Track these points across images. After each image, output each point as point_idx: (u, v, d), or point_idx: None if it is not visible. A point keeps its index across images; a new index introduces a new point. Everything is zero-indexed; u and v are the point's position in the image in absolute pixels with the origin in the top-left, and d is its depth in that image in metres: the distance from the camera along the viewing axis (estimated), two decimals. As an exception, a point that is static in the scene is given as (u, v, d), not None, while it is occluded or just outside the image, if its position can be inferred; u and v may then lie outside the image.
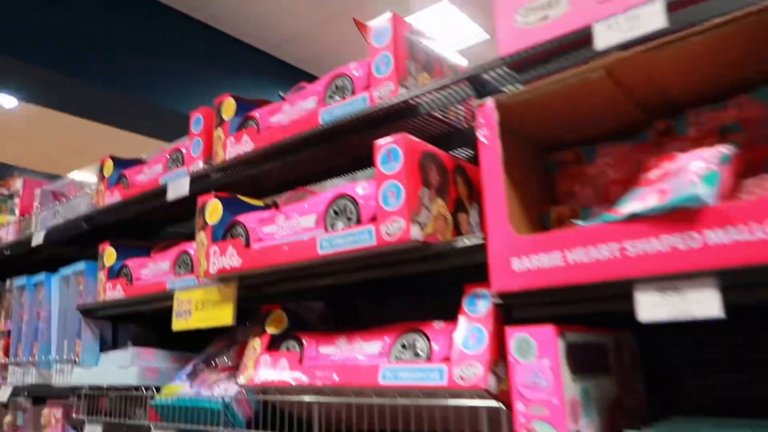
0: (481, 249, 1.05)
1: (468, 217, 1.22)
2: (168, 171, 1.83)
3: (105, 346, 2.16)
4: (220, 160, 1.59)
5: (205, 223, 1.48)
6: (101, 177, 2.15)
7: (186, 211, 2.09)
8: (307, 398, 1.27)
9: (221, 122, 1.62)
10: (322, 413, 1.27)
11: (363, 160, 1.53)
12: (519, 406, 0.95)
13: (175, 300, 1.63)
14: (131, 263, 1.99)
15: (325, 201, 1.24)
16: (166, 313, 2.06)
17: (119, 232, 2.28)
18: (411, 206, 1.06)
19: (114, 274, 2.03)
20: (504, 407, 0.99)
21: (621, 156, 1.10)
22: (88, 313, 2.10)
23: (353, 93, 1.30)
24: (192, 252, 1.76)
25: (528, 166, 1.14)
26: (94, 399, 1.97)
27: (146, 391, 1.75)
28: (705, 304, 0.78)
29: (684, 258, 0.79)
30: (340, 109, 1.30)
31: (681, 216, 0.79)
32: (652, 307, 0.82)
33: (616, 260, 0.84)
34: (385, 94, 1.21)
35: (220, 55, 5.16)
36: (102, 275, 2.05)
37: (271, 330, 1.45)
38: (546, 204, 1.18)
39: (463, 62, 1.43)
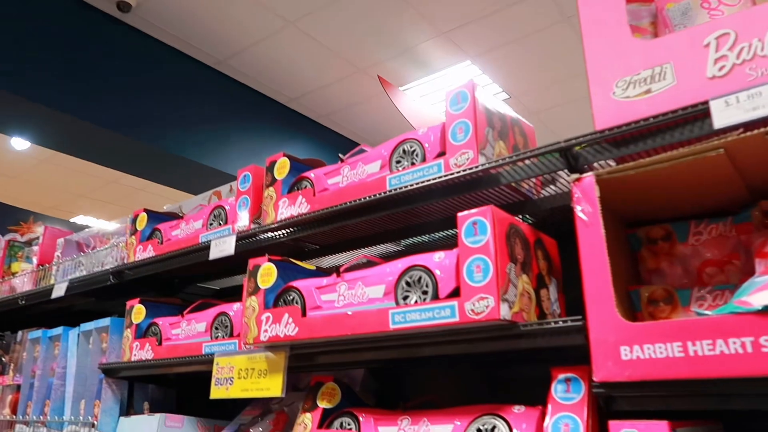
0: (573, 331, 0.99)
1: (548, 293, 1.16)
2: (210, 228, 1.78)
3: (120, 406, 2.04)
4: (270, 220, 1.54)
5: (257, 287, 1.41)
6: (133, 230, 2.09)
7: (216, 268, 2.03)
8: (367, 484, 1.17)
9: (273, 181, 1.57)
10: (384, 502, 1.17)
11: (420, 226, 1.48)
12: None
13: (215, 366, 1.54)
14: (161, 322, 1.90)
15: (396, 271, 1.17)
16: (191, 376, 1.96)
17: (142, 284, 2.21)
18: (500, 283, 1.00)
19: (142, 333, 1.94)
20: None
21: (718, 235, 1.05)
22: (110, 372, 1.99)
23: (424, 159, 1.26)
24: (231, 314, 1.68)
25: (615, 242, 1.08)
26: (111, 466, 1.85)
27: (175, 462, 1.64)
28: None
29: (832, 357, 0.72)
30: (411, 175, 1.25)
31: (825, 311, 0.73)
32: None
33: (748, 355, 0.77)
34: (463, 162, 1.16)
35: (233, 105, 5.19)
36: (129, 333, 1.96)
37: (323, 404, 1.36)
38: (631, 283, 1.12)
39: (530, 126, 1.40)
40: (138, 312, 1.97)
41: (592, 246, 0.94)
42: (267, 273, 1.40)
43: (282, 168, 1.56)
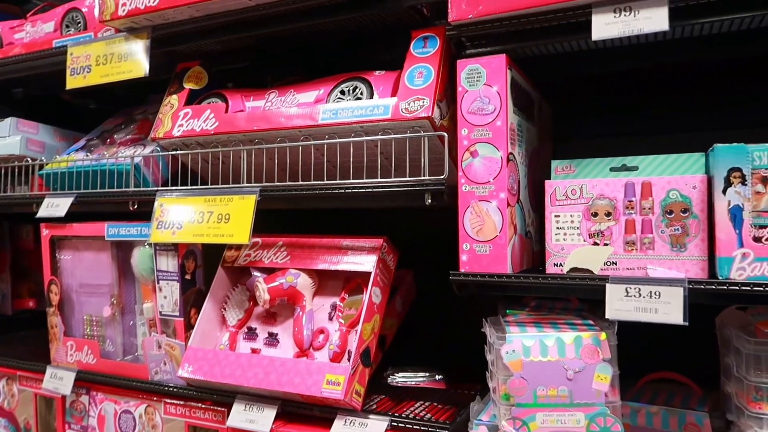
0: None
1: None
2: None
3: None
4: None
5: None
6: None
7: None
8: (242, 147, 1.25)
9: None
10: (251, 162, 1.26)
11: None
12: (463, 132, 1.01)
13: (68, 56, 1.46)
14: (0, 26, 1.73)
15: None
16: (43, 88, 1.85)
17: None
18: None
19: (-23, 39, 1.76)
20: (446, 135, 1.05)
21: None
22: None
23: None
24: (84, 10, 1.57)
25: None
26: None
27: (32, 161, 1.60)
28: (654, 20, 0.86)
29: (642, -24, 0.85)
30: None
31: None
32: (605, 26, 0.89)
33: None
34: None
35: None
36: (-39, 39, 1.77)
37: (190, 85, 1.37)
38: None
39: None
40: (-30, 15, 1.76)
41: None
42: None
43: None
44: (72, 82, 1.46)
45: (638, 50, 1.06)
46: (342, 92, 1.19)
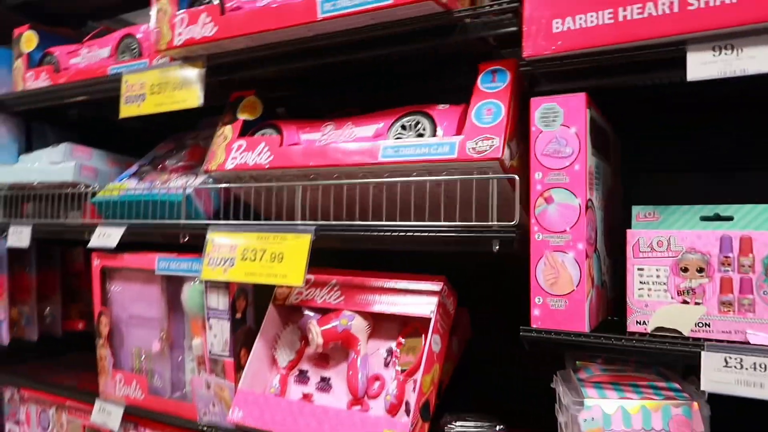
0: (507, 20, 0.99)
1: (481, -5, 1.13)
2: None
3: (18, 147, 1.91)
4: None
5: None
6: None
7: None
8: (297, 182, 1.20)
9: None
10: (307, 198, 1.21)
11: None
12: (537, 176, 0.94)
13: (123, 84, 1.45)
14: (58, 51, 1.74)
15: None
16: (93, 114, 1.85)
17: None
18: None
19: (35, 62, 1.77)
20: (517, 178, 0.98)
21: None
22: (2, 106, 1.83)
23: None
24: (139, 36, 1.55)
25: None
26: (14, 202, 1.78)
27: (86, 188, 1.60)
28: (760, 59, 0.77)
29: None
30: None
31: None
32: (702, 66, 0.81)
33: (674, 15, 0.81)
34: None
35: None
36: (20, 63, 1.78)
37: (244, 116, 1.33)
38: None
39: None
40: (28, 40, 1.78)
41: None
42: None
43: None
44: (126, 111, 1.44)
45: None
46: (403, 127, 1.13)
